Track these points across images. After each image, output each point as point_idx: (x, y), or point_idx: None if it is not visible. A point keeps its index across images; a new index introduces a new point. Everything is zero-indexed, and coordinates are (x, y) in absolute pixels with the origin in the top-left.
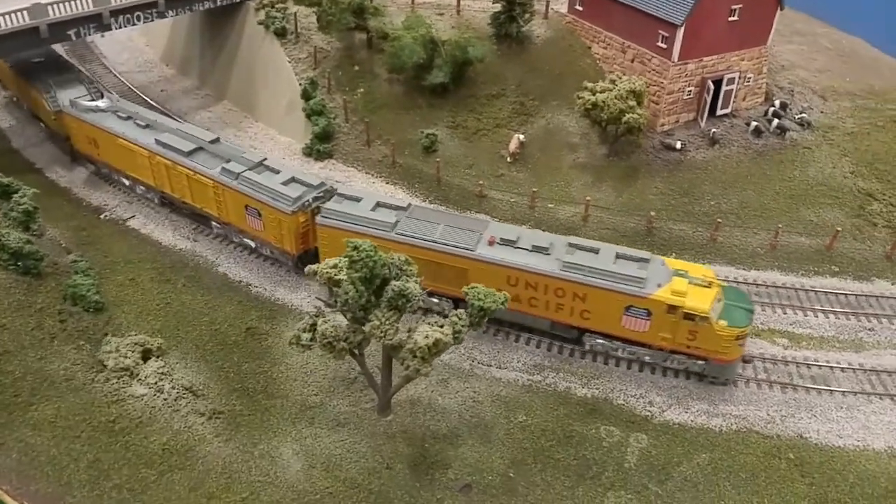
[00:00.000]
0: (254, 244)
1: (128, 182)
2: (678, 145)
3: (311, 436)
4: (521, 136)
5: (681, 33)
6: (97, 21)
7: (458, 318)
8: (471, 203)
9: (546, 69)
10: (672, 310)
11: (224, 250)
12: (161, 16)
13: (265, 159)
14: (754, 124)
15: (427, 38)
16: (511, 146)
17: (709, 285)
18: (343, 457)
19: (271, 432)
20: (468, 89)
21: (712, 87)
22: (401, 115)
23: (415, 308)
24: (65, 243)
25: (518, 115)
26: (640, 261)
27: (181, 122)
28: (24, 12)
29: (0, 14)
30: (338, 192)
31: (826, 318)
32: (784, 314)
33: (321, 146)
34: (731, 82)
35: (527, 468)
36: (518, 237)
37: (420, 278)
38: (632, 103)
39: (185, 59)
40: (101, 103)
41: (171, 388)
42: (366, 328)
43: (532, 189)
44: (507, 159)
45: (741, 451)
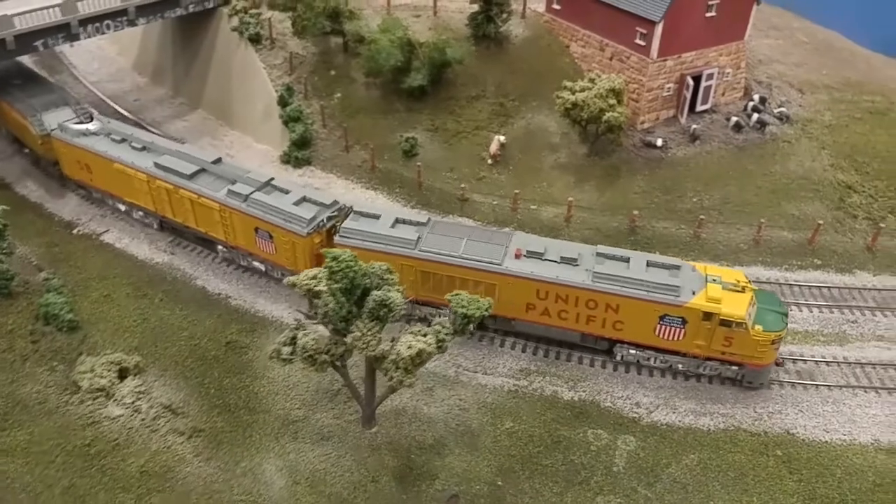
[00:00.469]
0: (264, 268)
1: (124, 207)
2: (659, 142)
3: (294, 451)
4: (501, 138)
5: (659, 30)
6: (65, 31)
7: (442, 327)
8: (453, 207)
9: (525, 69)
10: (708, 317)
11: (202, 263)
12: (132, 24)
13: (272, 179)
14: (734, 119)
15: (404, 41)
16: (492, 148)
17: (742, 290)
18: (328, 471)
19: (254, 449)
20: (447, 91)
21: (692, 83)
22: (379, 119)
23: (397, 317)
24: (36, 260)
25: (498, 116)
26: (671, 268)
27: (180, 142)
28: None
29: None
30: (354, 210)
31: (810, 311)
32: None
33: (299, 153)
34: (710, 78)
35: (515, 476)
36: (545, 248)
37: (402, 287)
38: (612, 102)
39: (159, 67)
40: (91, 126)
41: (149, 408)
42: (347, 340)
43: (514, 191)
44: (488, 161)
45: (729, 450)
